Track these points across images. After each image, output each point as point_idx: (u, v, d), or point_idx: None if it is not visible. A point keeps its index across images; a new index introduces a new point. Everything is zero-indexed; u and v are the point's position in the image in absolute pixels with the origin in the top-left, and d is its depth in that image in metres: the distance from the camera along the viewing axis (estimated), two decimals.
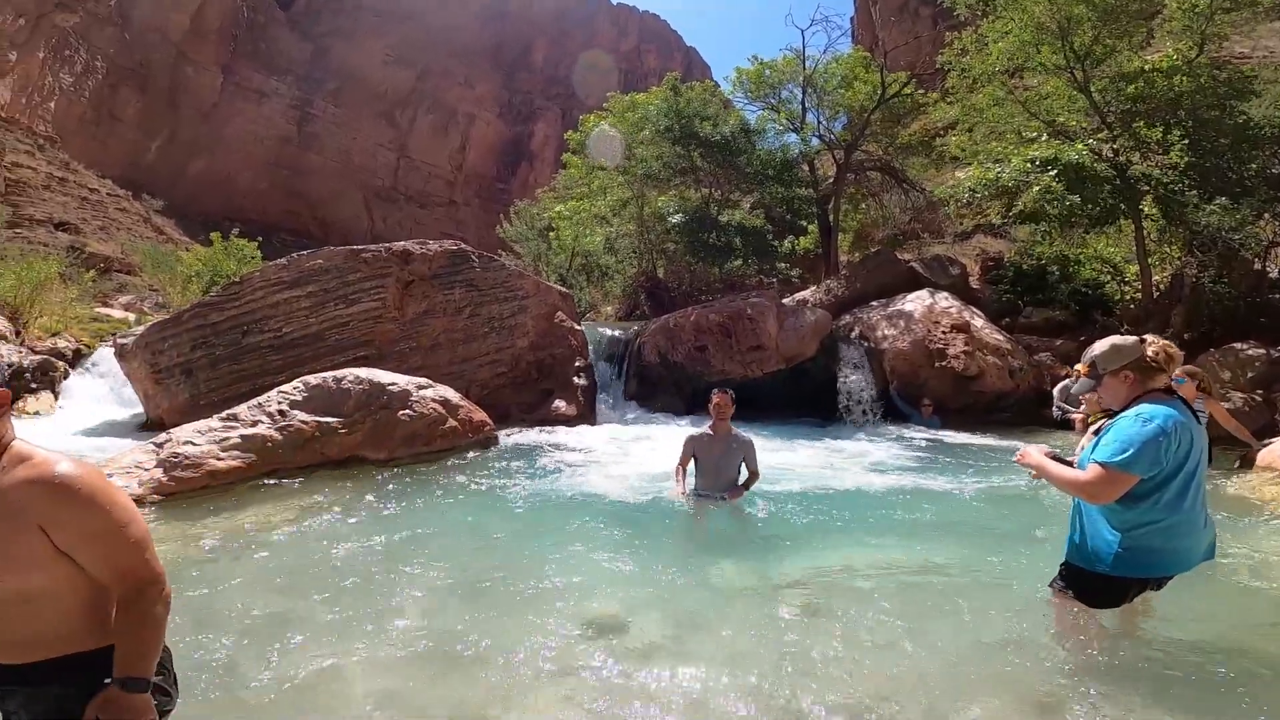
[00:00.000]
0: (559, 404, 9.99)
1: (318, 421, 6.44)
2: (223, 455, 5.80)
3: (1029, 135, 13.68)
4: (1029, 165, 12.11)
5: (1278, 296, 11.31)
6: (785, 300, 13.40)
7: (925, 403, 10.89)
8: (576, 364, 10.69)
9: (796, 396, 11.29)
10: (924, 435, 9.84)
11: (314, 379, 6.88)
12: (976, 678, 2.69)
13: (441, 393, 7.48)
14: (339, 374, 7.01)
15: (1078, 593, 2.77)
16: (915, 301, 12.04)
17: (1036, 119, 13.76)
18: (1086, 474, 2.50)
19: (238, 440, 5.97)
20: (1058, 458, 2.69)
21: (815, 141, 18.82)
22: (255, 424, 6.19)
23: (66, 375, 11.51)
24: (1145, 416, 2.42)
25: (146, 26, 56.92)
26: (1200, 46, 12.93)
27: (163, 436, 5.98)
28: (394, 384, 7.09)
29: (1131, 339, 2.61)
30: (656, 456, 7.14)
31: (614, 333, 13.13)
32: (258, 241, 21.52)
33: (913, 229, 21.13)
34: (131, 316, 17.46)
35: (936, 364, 11.05)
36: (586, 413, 10.22)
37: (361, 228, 63.56)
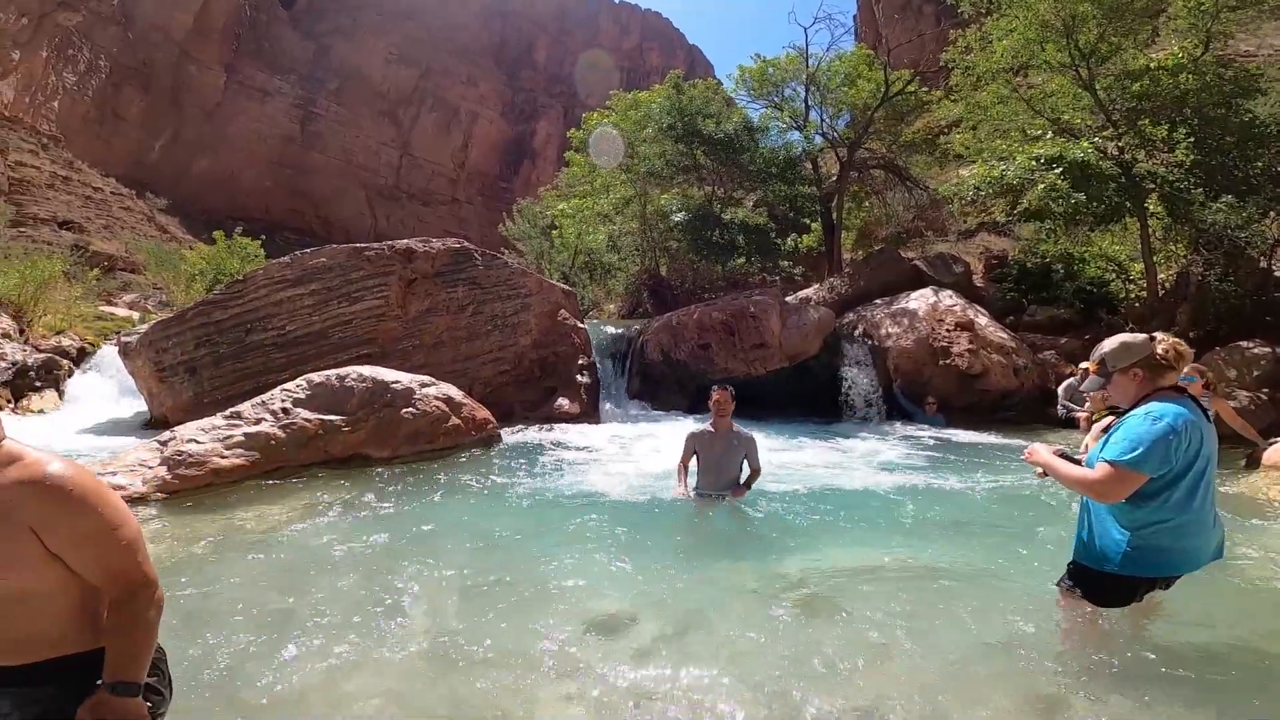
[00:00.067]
0: (562, 402, 9.98)
1: (321, 420, 6.44)
2: (226, 453, 5.80)
3: (1033, 133, 13.64)
4: (1034, 163, 12.08)
5: None
6: (788, 298, 13.38)
7: (929, 401, 10.87)
8: (579, 362, 10.69)
9: (800, 395, 11.27)
10: (928, 434, 9.82)
11: (317, 377, 6.88)
12: (982, 677, 2.67)
13: (445, 391, 7.48)
14: (342, 372, 7.01)
15: (1085, 592, 2.75)
16: (919, 300, 12.00)
17: (1041, 117, 13.72)
18: (1095, 472, 2.48)
19: (241, 438, 5.97)
20: (1066, 456, 2.67)
21: (818, 139, 18.78)
22: (259, 422, 6.20)
23: (70, 373, 11.53)
24: (1155, 415, 2.40)
25: (149, 25, 57.02)
26: (1206, 44, 12.88)
27: (166, 434, 5.99)
28: (397, 382, 7.09)
29: (1141, 337, 2.58)
30: (659, 455, 7.14)
31: (617, 331, 13.12)
32: (261, 240, 21.53)
33: (916, 227, 21.10)
34: (135, 315, 17.51)
35: (940, 362, 11.02)
36: (589, 411, 10.21)
37: (364, 226, 63.64)
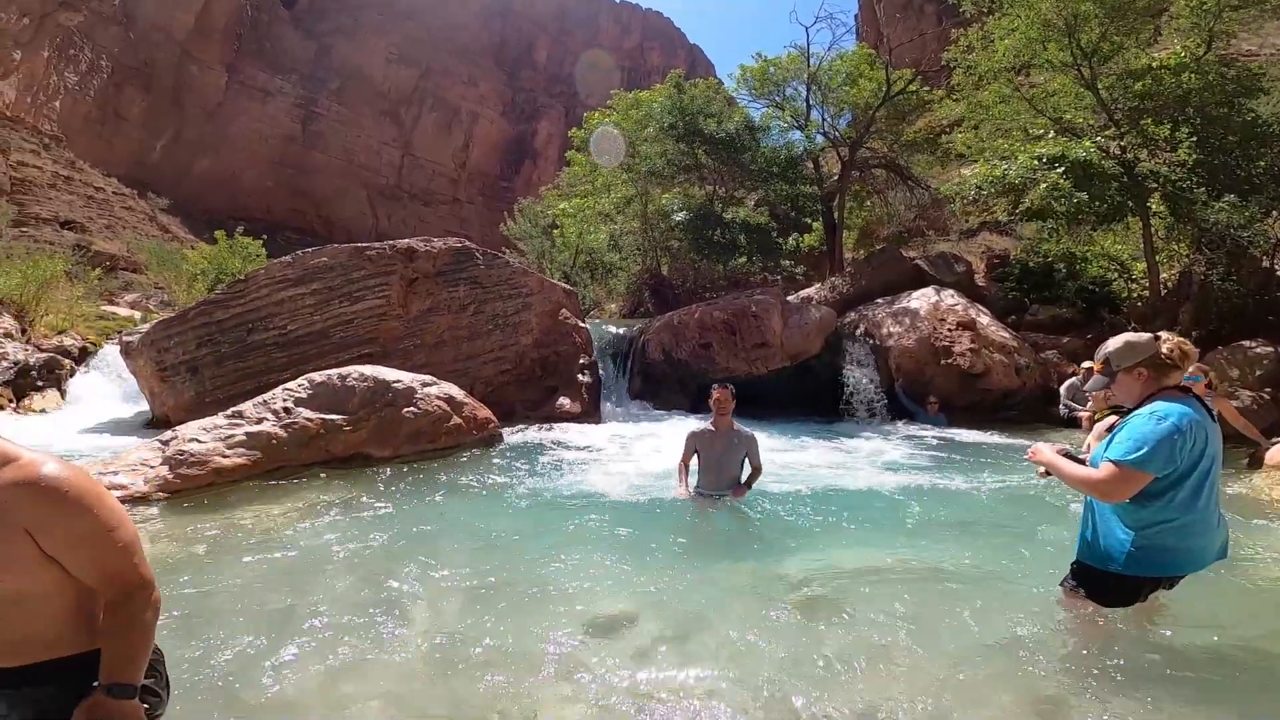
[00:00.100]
0: (563, 401, 9.98)
1: (322, 419, 6.43)
2: (228, 453, 5.80)
3: (1035, 132, 13.62)
4: (1036, 162, 12.06)
5: None
6: (790, 298, 13.37)
7: (931, 400, 10.85)
8: (581, 361, 10.68)
9: (801, 394, 11.27)
10: (930, 433, 9.80)
11: (319, 376, 6.88)
12: (984, 678, 2.66)
13: (446, 390, 7.48)
14: (344, 371, 7.01)
15: (1089, 592, 2.74)
16: (921, 299, 11.99)
17: (1043, 116, 13.70)
18: (1100, 472, 2.47)
19: (243, 438, 5.97)
20: (1070, 455, 2.66)
21: (820, 139, 18.75)
22: (260, 421, 6.20)
23: (72, 373, 11.55)
24: (1160, 414, 2.39)
25: (151, 25, 57.08)
26: (1208, 44, 12.85)
27: (168, 434, 5.99)
28: (399, 381, 7.08)
29: (1146, 336, 2.57)
30: (660, 455, 7.13)
31: (618, 330, 13.12)
32: (263, 240, 21.56)
33: (918, 226, 21.09)
34: (137, 314, 17.54)
35: (942, 361, 11.00)
36: (591, 410, 10.21)
37: (366, 225, 63.70)
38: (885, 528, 4.87)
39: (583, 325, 11.30)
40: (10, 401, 10.42)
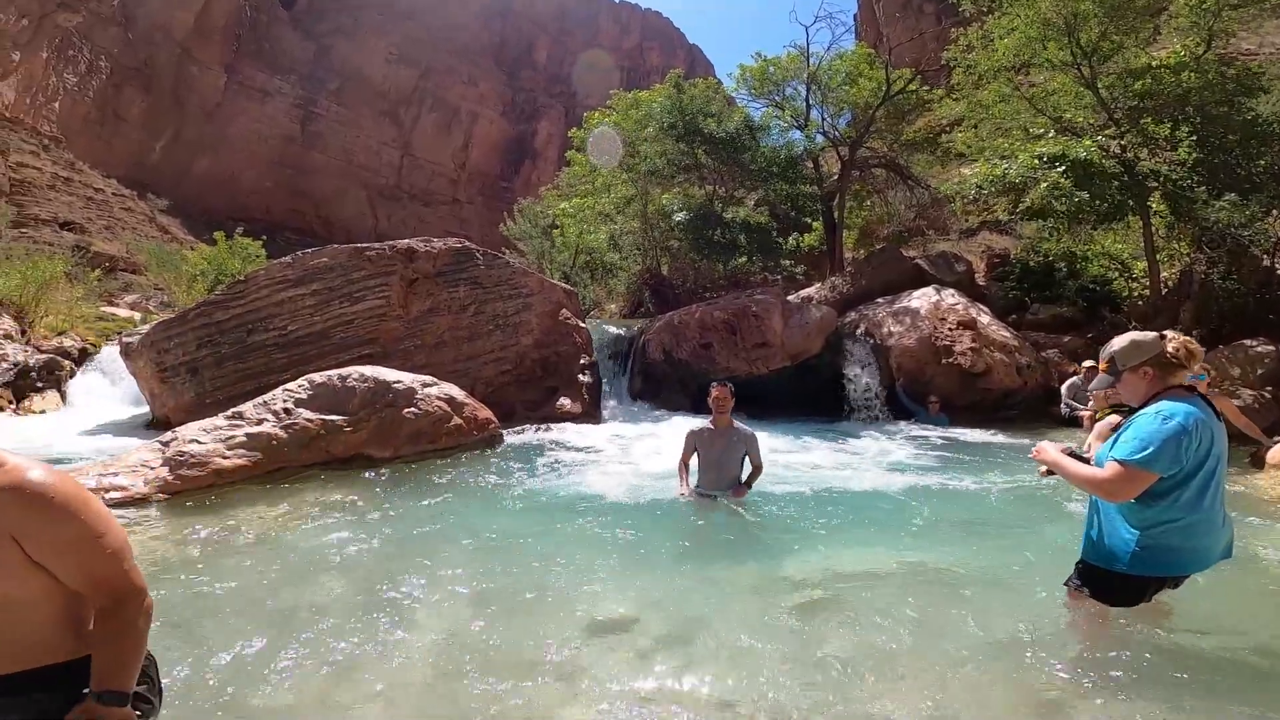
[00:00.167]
0: (564, 401, 9.97)
1: (323, 420, 6.42)
2: (228, 454, 5.79)
3: (1036, 131, 13.62)
4: (1036, 161, 12.05)
5: None
6: (790, 297, 13.36)
7: (932, 400, 10.84)
8: (581, 361, 10.67)
9: (802, 394, 11.25)
10: (932, 432, 9.79)
11: (319, 377, 6.87)
12: (988, 678, 2.65)
13: (446, 391, 7.47)
14: (344, 372, 7.00)
15: (1094, 591, 2.73)
16: (921, 298, 11.98)
17: (1043, 115, 13.70)
18: (1104, 471, 2.46)
19: (243, 439, 5.95)
20: (1074, 454, 2.65)
21: (820, 138, 18.74)
22: (260, 422, 6.18)
23: (72, 374, 11.54)
24: (1166, 414, 2.38)
25: (150, 26, 57.05)
26: (1208, 43, 12.85)
27: (168, 435, 5.98)
28: (399, 382, 7.07)
29: (1151, 335, 2.56)
30: (661, 455, 7.12)
31: (618, 330, 13.11)
32: (262, 240, 21.55)
33: (918, 226, 21.08)
34: (137, 315, 17.53)
35: (943, 361, 10.99)
36: (591, 410, 10.20)
37: (365, 226, 63.66)
38: (888, 528, 4.86)
39: (583, 325, 11.28)
40: (10, 403, 10.41)
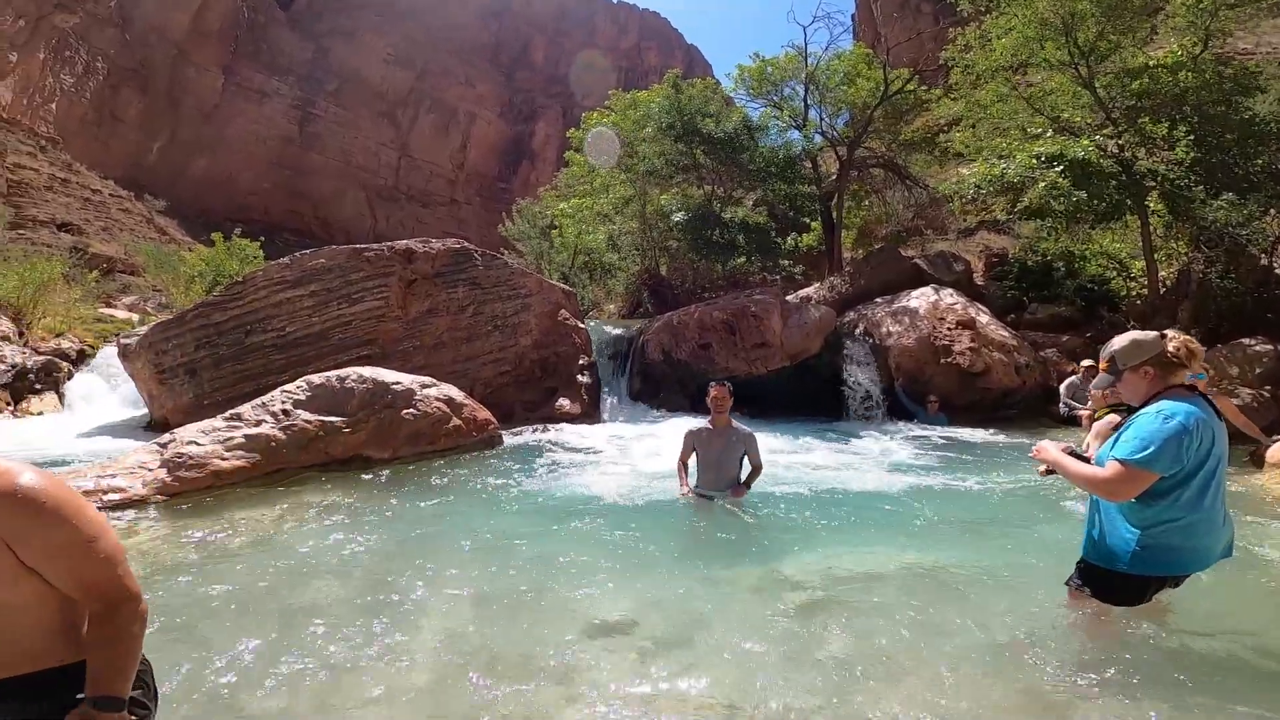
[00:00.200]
0: (563, 402, 9.96)
1: (321, 421, 6.41)
2: (227, 455, 5.78)
3: (1033, 131, 13.63)
4: (1034, 161, 12.06)
5: None
6: (789, 297, 13.36)
7: (931, 399, 10.85)
8: (580, 362, 10.67)
9: (801, 394, 11.25)
10: (931, 432, 9.80)
11: (318, 378, 6.86)
12: (990, 678, 2.65)
13: (445, 391, 7.46)
14: (343, 373, 6.99)
15: (1095, 591, 2.73)
16: (920, 298, 11.99)
17: (1041, 115, 13.71)
18: (1105, 471, 2.46)
19: (241, 440, 5.94)
20: (1075, 453, 2.65)
21: (818, 138, 18.77)
22: (259, 424, 6.17)
23: (70, 376, 11.52)
24: (1167, 413, 2.38)
25: (147, 27, 56.92)
26: (1204, 42, 12.87)
27: (167, 436, 5.96)
28: (398, 383, 7.06)
29: (1152, 334, 2.56)
30: (660, 455, 7.12)
31: (617, 331, 13.10)
32: (260, 241, 21.55)
33: (916, 225, 21.10)
34: (135, 317, 17.49)
35: (942, 360, 11.00)
36: (590, 411, 10.19)
37: (364, 227, 63.56)
38: (888, 528, 4.86)
39: (582, 326, 11.28)
40: (8, 405, 10.38)
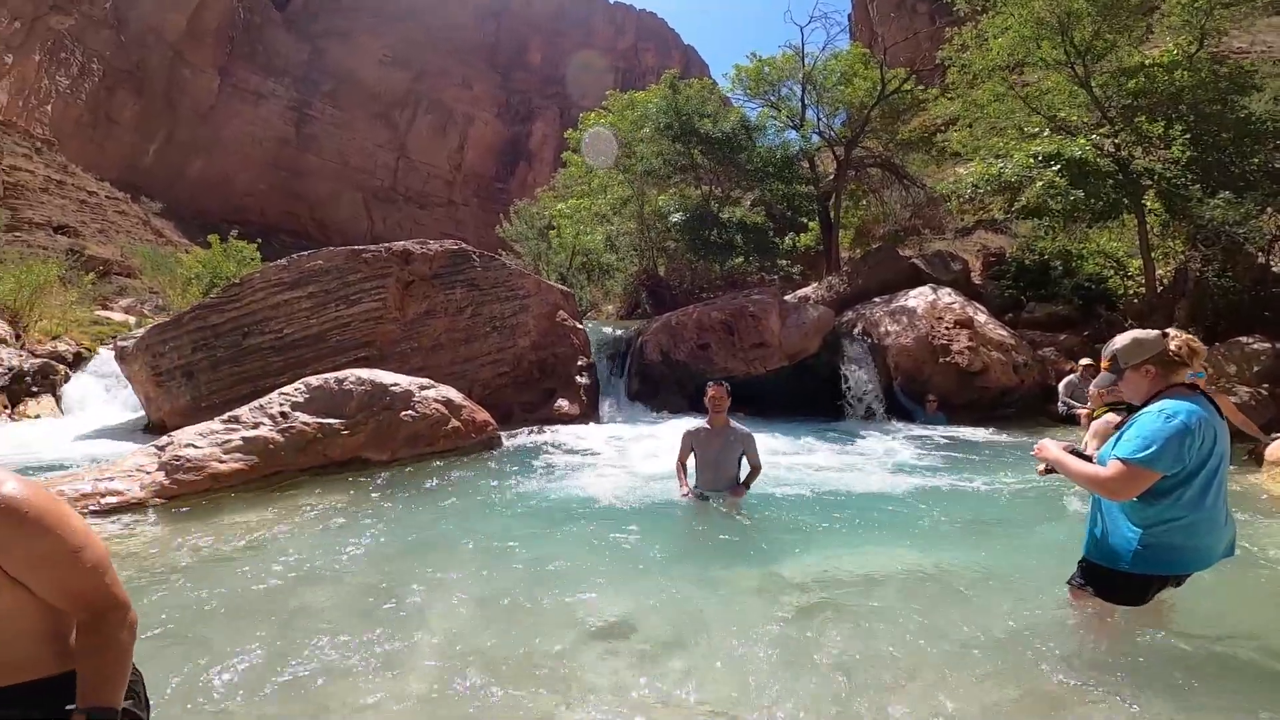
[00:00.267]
0: (562, 403, 9.95)
1: (320, 423, 6.39)
2: (225, 458, 5.76)
3: (1030, 130, 13.66)
4: (1031, 160, 12.08)
5: None
6: (787, 297, 13.36)
7: (930, 399, 10.85)
8: (579, 363, 10.66)
9: (800, 394, 11.24)
10: (931, 431, 9.80)
11: (316, 380, 6.84)
12: (992, 677, 2.65)
13: (444, 393, 7.44)
14: (341, 375, 6.97)
15: (1097, 590, 2.73)
16: (918, 297, 12.00)
17: (1038, 114, 13.74)
18: (1107, 470, 2.45)
19: (240, 442, 5.92)
20: (1076, 452, 2.64)
21: (815, 138, 18.79)
22: (257, 426, 6.15)
23: (67, 378, 11.48)
24: (1169, 412, 2.37)
25: (142, 28, 56.77)
26: (1200, 41, 12.91)
27: (164, 439, 5.94)
28: (396, 385, 7.04)
29: (1154, 333, 2.55)
30: (659, 456, 7.10)
31: (616, 331, 13.10)
32: (257, 243, 21.49)
33: (913, 225, 21.11)
34: (132, 319, 17.44)
35: (940, 360, 11.01)
36: (589, 412, 10.18)
37: (361, 228, 63.43)
38: (889, 528, 4.85)
39: (580, 327, 11.27)
40: (5, 408, 10.34)
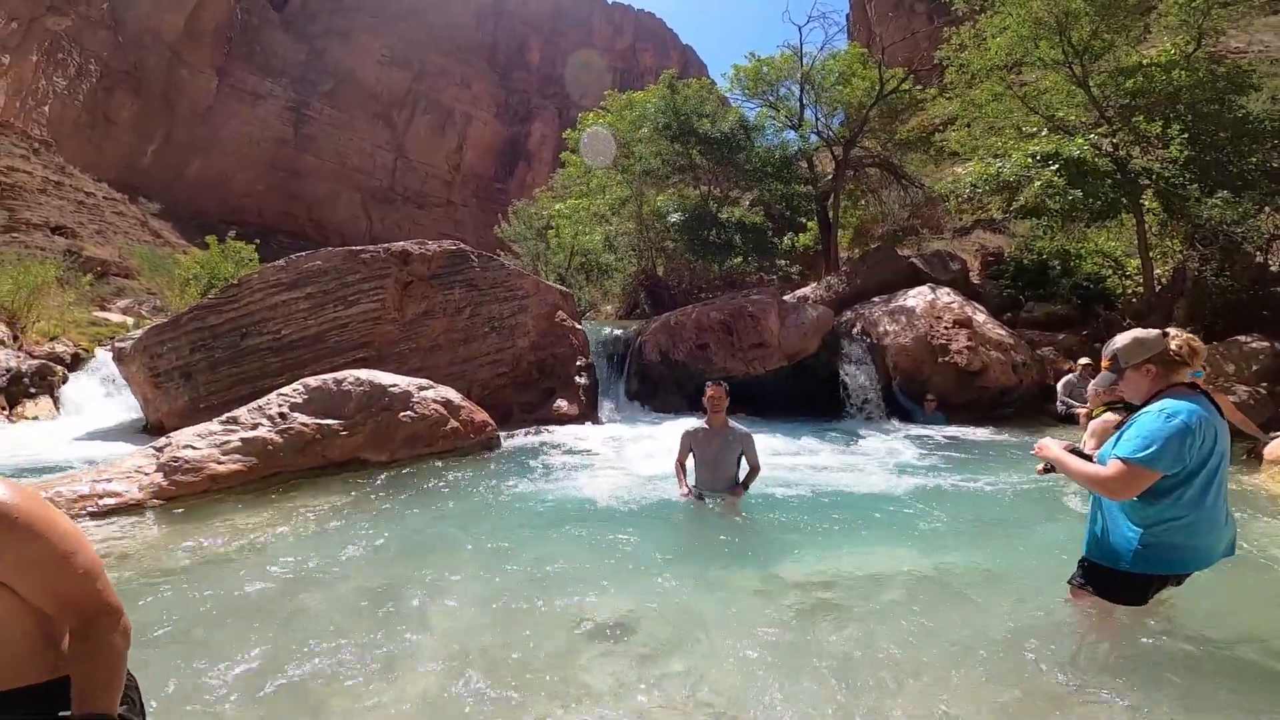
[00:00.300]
0: (561, 403, 9.94)
1: (318, 424, 6.38)
2: (223, 459, 5.74)
3: (1028, 130, 13.68)
4: (1030, 160, 12.09)
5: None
6: (786, 297, 13.36)
7: (929, 398, 10.85)
8: (578, 363, 10.65)
9: (799, 394, 11.25)
10: (930, 431, 9.80)
11: (314, 381, 6.83)
12: (992, 677, 2.64)
13: (443, 394, 7.43)
14: (339, 376, 6.95)
15: (1097, 589, 2.72)
16: (917, 297, 12.00)
17: (1036, 114, 13.75)
18: (1107, 469, 2.45)
19: (238, 443, 5.91)
20: (1077, 451, 2.64)
21: (814, 138, 18.79)
22: (255, 427, 6.14)
23: (65, 380, 11.45)
24: (1169, 412, 2.37)
25: (140, 29, 56.69)
26: (1197, 41, 12.93)
27: (162, 440, 5.93)
28: (395, 385, 7.03)
29: (1154, 332, 2.55)
30: (658, 456, 7.09)
31: (615, 332, 13.09)
32: (255, 244, 21.44)
33: (912, 225, 21.12)
34: (130, 320, 17.42)
35: (939, 359, 11.01)
36: (588, 412, 10.17)
37: (359, 229, 63.41)
38: (889, 529, 4.85)
39: (579, 327, 11.26)
40: (3, 409, 10.32)
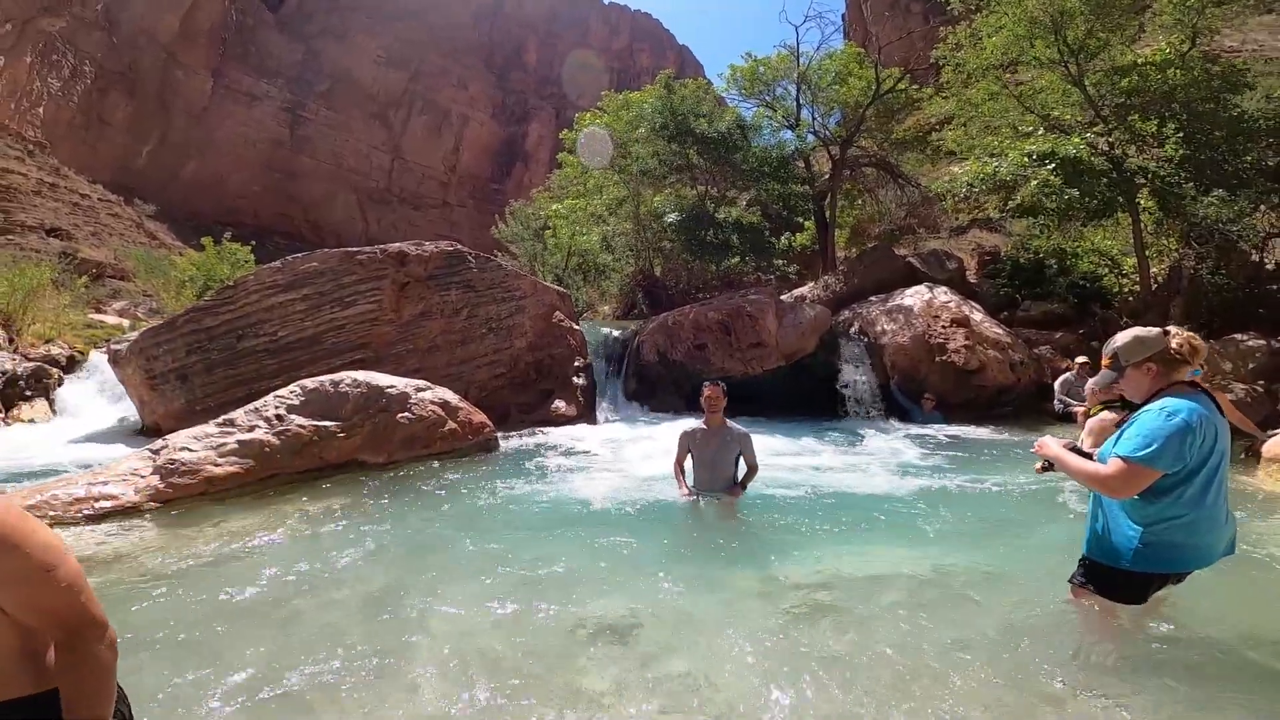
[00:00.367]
0: (558, 404, 9.93)
1: (316, 425, 6.35)
2: (220, 461, 5.72)
3: (1024, 129, 13.70)
4: (1026, 159, 12.11)
5: (1276, 288, 11.34)
6: (784, 297, 13.37)
7: (926, 397, 10.86)
8: (575, 364, 10.63)
9: (797, 394, 11.25)
10: (928, 430, 9.81)
11: (311, 383, 6.80)
12: (992, 676, 2.64)
13: (440, 395, 7.41)
14: (336, 377, 6.93)
15: (1097, 588, 2.72)
16: (914, 296, 12.02)
17: (1031, 113, 13.78)
18: (1107, 468, 2.44)
19: (235, 446, 5.88)
20: (1077, 450, 2.64)
21: (810, 138, 18.81)
22: (252, 429, 6.11)
23: (61, 382, 11.40)
24: (1170, 410, 2.37)
25: (134, 30, 56.51)
26: (1192, 40, 12.97)
27: (159, 443, 5.89)
28: (392, 387, 7.01)
29: (1155, 330, 2.55)
30: (657, 457, 7.09)
31: (612, 332, 13.07)
32: (251, 245, 21.39)
33: (908, 224, 21.16)
34: (125, 322, 17.33)
35: (937, 358, 11.02)
36: (586, 412, 10.16)
37: (355, 230, 63.25)
38: (889, 529, 4.84)
39: (577, 327, 11.25)
40: None
